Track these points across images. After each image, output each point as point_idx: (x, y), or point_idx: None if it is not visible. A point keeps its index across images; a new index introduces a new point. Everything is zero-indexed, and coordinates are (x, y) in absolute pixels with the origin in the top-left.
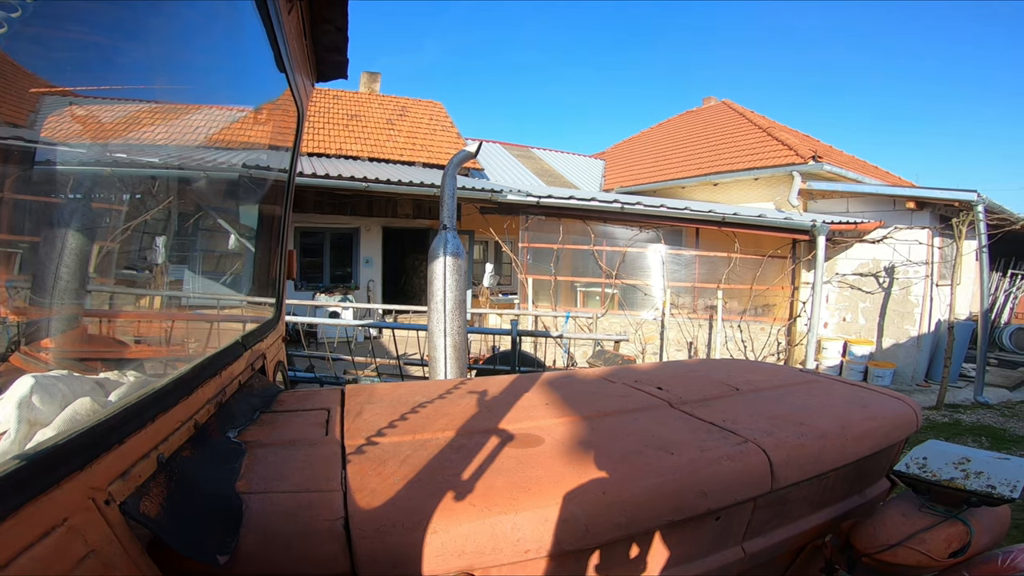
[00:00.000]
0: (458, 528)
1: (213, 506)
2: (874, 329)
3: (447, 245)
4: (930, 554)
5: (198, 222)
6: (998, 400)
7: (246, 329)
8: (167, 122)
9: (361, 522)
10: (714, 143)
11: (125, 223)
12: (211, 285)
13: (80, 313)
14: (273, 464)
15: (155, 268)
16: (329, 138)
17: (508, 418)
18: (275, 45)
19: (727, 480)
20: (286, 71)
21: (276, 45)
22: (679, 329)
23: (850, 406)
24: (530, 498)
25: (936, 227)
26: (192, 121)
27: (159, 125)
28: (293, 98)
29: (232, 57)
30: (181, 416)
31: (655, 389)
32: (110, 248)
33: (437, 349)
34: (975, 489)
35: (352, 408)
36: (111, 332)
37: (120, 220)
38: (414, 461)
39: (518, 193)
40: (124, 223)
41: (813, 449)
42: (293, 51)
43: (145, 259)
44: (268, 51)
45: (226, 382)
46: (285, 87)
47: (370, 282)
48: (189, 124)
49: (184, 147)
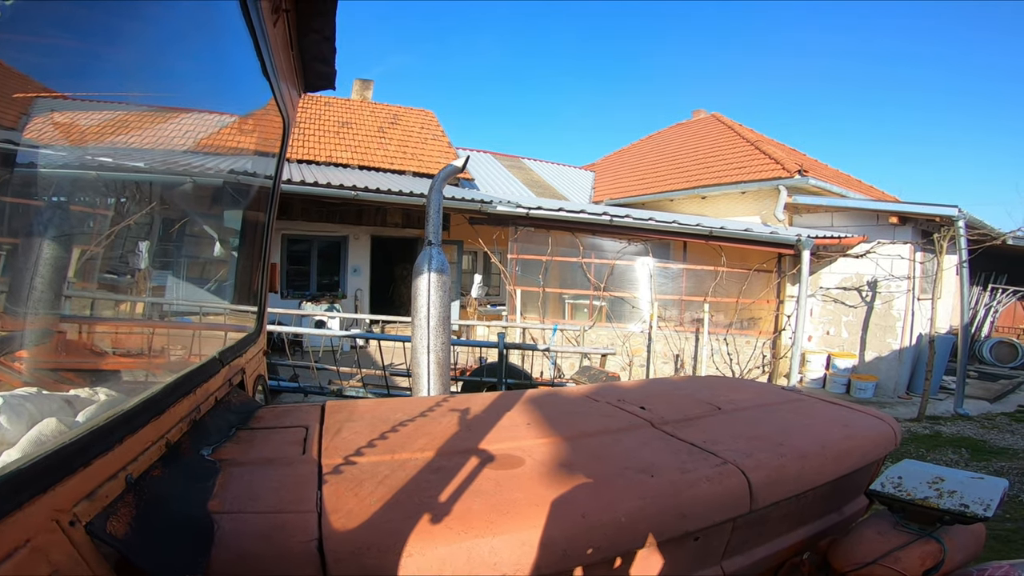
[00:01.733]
0: (434, 551)
1: (184, 526)
2: (857, 343)
3: (431, 261)
4: (904, 572)
5: (180, 229)
6: (978, 412)
7: (225, 343)
8: (150, 128)
9: (336, 544)
10: (703, 156)
11: (108, 228)
12: (192, 295)
13: (56, 322)
14: (247, 483)
15: (137, 273)
16: (319, 145)
17: (489, 438)
18: (260, 54)
19: (707, 502)
20: (271, 80)
21: (261, 54)
22: (666, 342)
23: (830, 425)
24: (508, 521)
25: (918, 242)
26: (175, 129)
27: (142, 131)
28: (278, 107)
29: (217, 65)
30: (151, 436)
31: (638, 409)
32: (93, 252)
33: (420, 365)
34: (948, 508)
35: (331, 426)
36: (89, 340)
37: (104, 225)
38: (391, 482)
39: (508, 204)
40: (107, 228)
41: (792, 470)
42: (279, 60)
43: (127, 263)
44: (254, 60)
45: (201, 399)
46: (270, 96)
47: (358, 291)
48: (171, 131)
49: (166, 154)
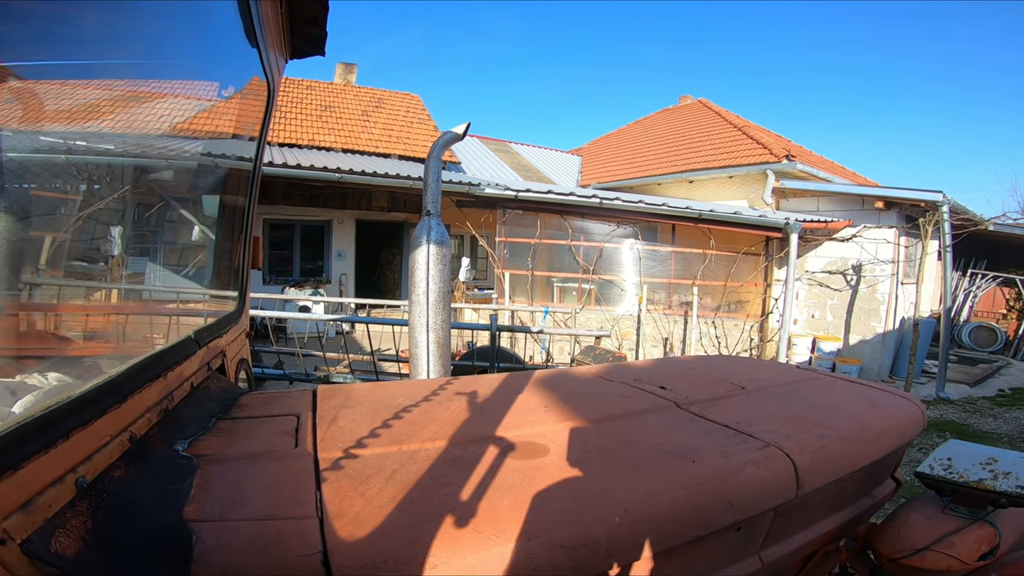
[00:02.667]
0: (463, 560)
1: (155, 539)
2: (842, 326)
3: (431, 232)
4: (960, 557)
5: (154, 209)
6: (959, 396)
7: (203, 324)
8: (122, 98)
9: (344, 557)
10: (690, 141)
11: (77, 212)
12: (168, 275)
13: (10, 305)
14: (232, 483)
15: (111, 259)
16: (301, 128)
17: (505, 424)
18: (246, 13)
19: (753, 489)
20: (257, 43)
21: (247, 13)
22: (655, 325)
23: (862, 405)
24: (543, 519)
25: (903, 226)
26: (151, 96)
27: (113, 101)
28: (264, 73)
29: (198, 27)
30: (110, 429)
31: (658, 388)
32: (62, 239)
33: (419, 346)
34: (1005, 490)
35: (326, 413)
36: (51, 325)
37: (73, 209)
38: (402, 477)
39: (496, 187)
40: (76, 212)
41: (834, 452)
42: (266, 20)
43: (99, 250)
44: (237, 20)
45: (174, 385)
46: (255, 61)
47: (342, 276)
48: (147, 99)
49: (140, 126)
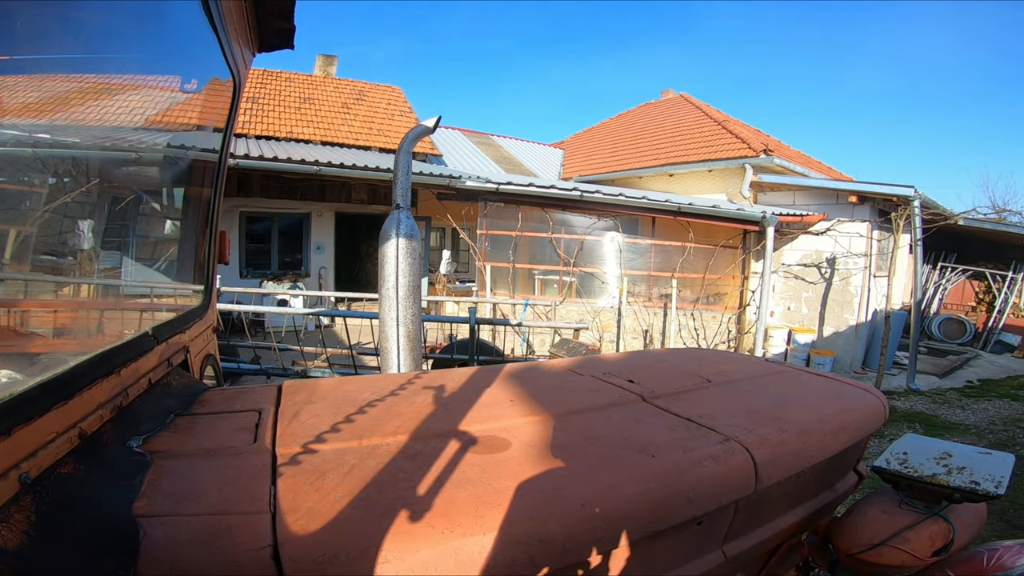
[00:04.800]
0: (415, 556)
1: (100, 534)
2: (816, 318)
3: (400, 226)
4: (914, 553)
5: (120, 203)
6: (928, 387)
7: (164, 319)
8: (82, 91)
9: (295, 551)
10: (671, 135)
11: (42, 206)
12: (130, 271)
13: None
14: (185, 479)
15: (80, 254)
16: (279, 121)
17: (470, 418)
18: (207, 6)
19: (712, 483)
20: (219, 37)
21: (207, 6)
22: (635, 317)
23: (824, 398)
24: (499, 515)
25: (875, 220)
26: (113, 89)
27: (74, 94)
28: (229, 67)
29: (158, 19)
30: (56, 426)
31: (626, 382)
32: (26, 233)
33: (389, 340)
34: (959, 485)
35: (288, 408)
36: (14, 324)
37: (38, 203)
38: (360, 472)
39: (477, 179)
40: (41, 206)
41: (794, 446)
42: (228, 15)
43: (66, 243)
44: (200, 14)
45: (129, 382)
46: (218, 54)
47: (321, 269)
48: (109, 92)
49: (103, 120)
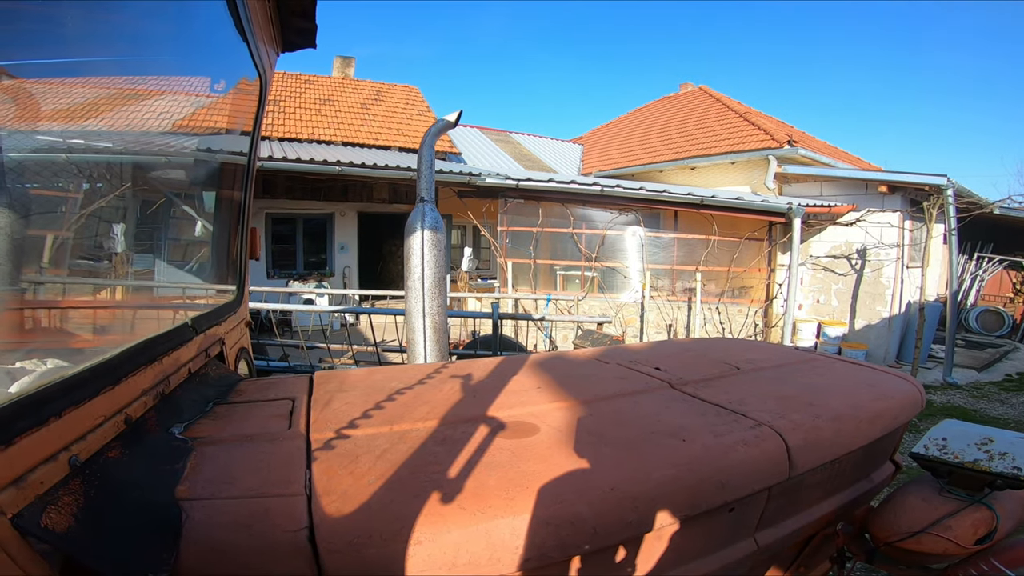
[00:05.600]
0: (447, 536)
1: (145, 517)
2: (846, 311)
3: (425, 218)
4: (957, 541)
5: (153, 205)
6: (966, 381)
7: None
8: (118, 97)
9: (330, 533)
10: (691, 128)
11: (77, 210)
12: (166, 270)
13: (10, 298)
14: (223, 464)
15: (115, 257)
16: (301, 123)
17: (497, 404)
18: (234, 9)
19: (744, 469)
20: (247, 38)
21: (235, 9)
22: (659, 311)
23: (858, 386)
24: (529, 497)
25: (907, 210)
26: (144, 93)
27: (105, 99)
28: (255, 67)
29: (187, 23)
30: (104, 410)
31: (652, 370)
32: (64, 237)
33: (416, 331)
34: (1001, 471)
35: (321, 397)
36: (57, 323)
37: (74, 207)
38: (392, 456)
39: (497, 176)
40: (76, 210)
41: (828, 432)
42: (254, 16)
43: (102, 247)
44: (227, 17)
45: (170, 370)
46: (246, 56)
47: (346, 268)
48: (139, 96)
49: (135, 123)
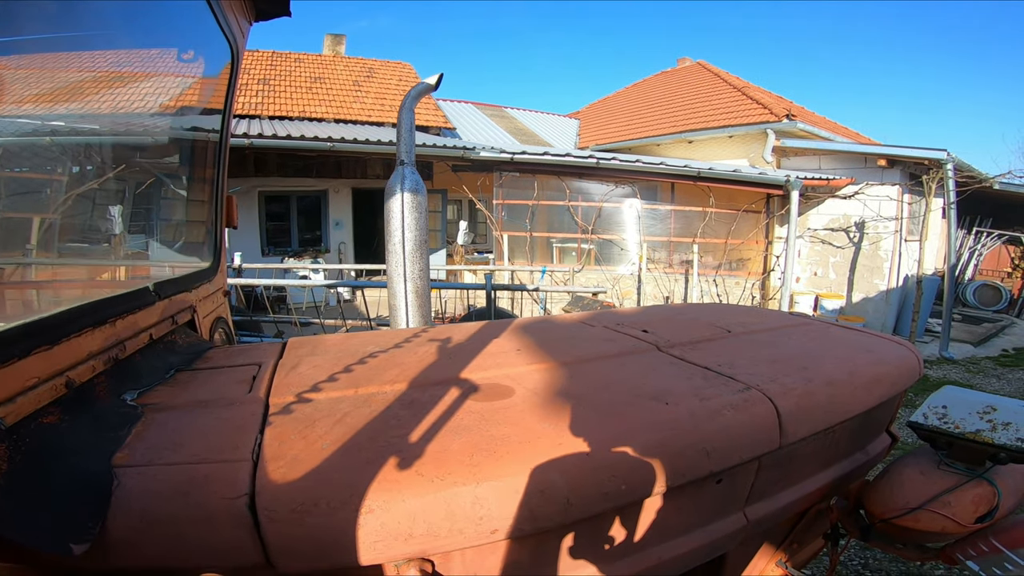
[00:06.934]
0: (401, 505)
1: (73, 484)
2: (844, 283)
3: (404, 181)
4: (955, 518)
5: (119, 167)
6: (963, 356)
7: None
8: (76, 67)
9: (271, 500)
10: (689, 102)
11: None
12: (138, 239)
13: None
14: (171, 430)
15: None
16: (291, 101)
17: (472, 366)
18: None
19: (732, 435)
20: (212, 5)
21: None
22: (655, 283)
23: (853, 351)
24: (496, 463)
25: (906, 184)
26: (106, 64)
27: (67, 73)
28: (224, 35)
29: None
30: (40, 371)
31: (640, 332)
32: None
33: (397, 296)
34: (1005, 443)
35: (289, 361)
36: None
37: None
38: (352, 420)
39: (491, 150)
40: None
41: (822, 398)
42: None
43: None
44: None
45: (125, 334)
46: (213, 23)
47: (341, 244)
48: (102, 67)
49: (107, 92)
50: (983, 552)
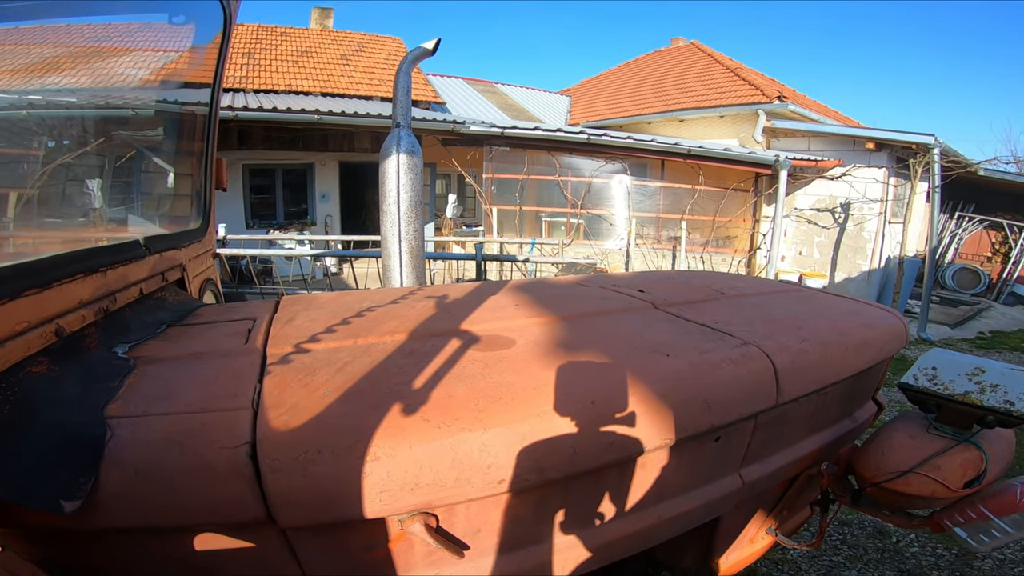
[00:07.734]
0: (408, 452)
1: (64, 437)
2: (827, 263)
3: (400, 143)
4: (945, 482)
5: (111, 132)
6: (940, 337)
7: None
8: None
9: (274, 448)
10: (681, 82)
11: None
12: (128, 197)
13: None
14: (165, 381)
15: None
16: (277, 75)
17: (472, 319)
18: None
19: (731, 388)
20: None
21: None
22: (644, 259)
23: (843, 314)
24: (503, 410)
25: (892, 167)
26: (97, 31)
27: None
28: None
29: None
30: (28, 316)
31: (636, 291)
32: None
33: (391, 256)
34: (993, 406)
35: (284, 316)
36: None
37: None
38: (353, 369)
39: (482, 124)
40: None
41: (816, 356)
42: None
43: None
44: None
45: (115, 285)
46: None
47: (327, 217)
48: (93, 33)
49: (95, 56)
50: (971, 519)
